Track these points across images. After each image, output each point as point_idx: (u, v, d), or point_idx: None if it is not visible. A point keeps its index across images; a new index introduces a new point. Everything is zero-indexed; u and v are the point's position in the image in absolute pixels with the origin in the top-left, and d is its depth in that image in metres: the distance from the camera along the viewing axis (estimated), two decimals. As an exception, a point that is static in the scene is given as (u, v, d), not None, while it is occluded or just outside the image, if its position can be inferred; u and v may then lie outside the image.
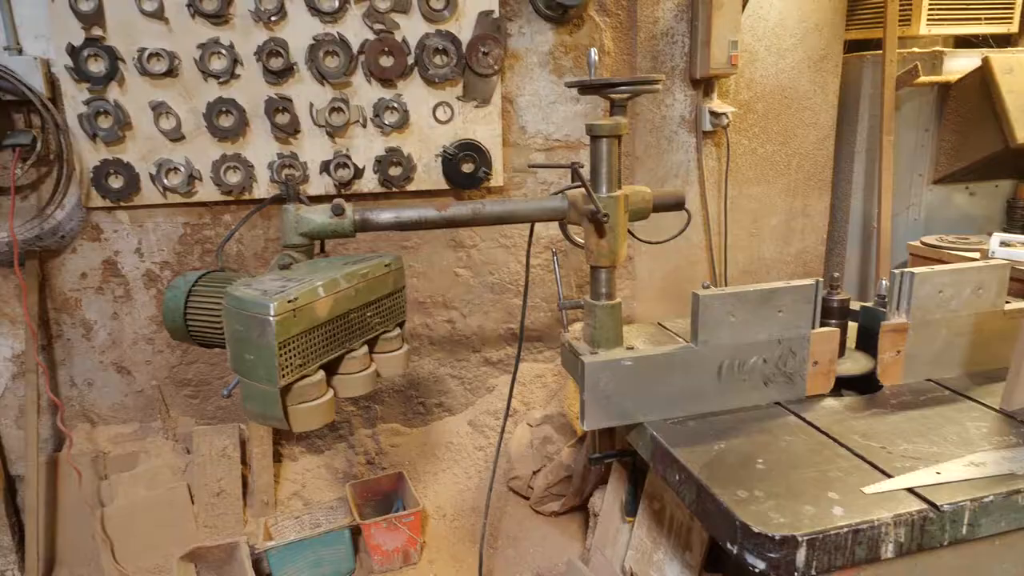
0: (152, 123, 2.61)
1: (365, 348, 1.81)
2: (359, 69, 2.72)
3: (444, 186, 2.91)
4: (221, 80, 2.62)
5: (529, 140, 3.03)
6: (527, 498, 2.90)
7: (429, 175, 2.89)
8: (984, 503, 1.29)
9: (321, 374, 1.63)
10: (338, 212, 1.85)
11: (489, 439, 3.16)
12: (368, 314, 1.82)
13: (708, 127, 3.07)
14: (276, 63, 2.62)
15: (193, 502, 2.82)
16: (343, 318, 1.70)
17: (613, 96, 1.91)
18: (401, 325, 2.00)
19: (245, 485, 2.95)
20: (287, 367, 1.51)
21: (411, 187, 2.88)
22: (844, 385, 1.82)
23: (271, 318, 1.46)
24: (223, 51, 2.58)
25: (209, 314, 1.74)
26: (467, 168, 2.89)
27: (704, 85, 3.07)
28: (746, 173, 3.27)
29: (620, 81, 1.85)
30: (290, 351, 1.51)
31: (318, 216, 1.85)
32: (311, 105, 2.72)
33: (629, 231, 2.10)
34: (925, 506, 1.27)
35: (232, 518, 2.86)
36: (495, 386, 3.27)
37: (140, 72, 2.55)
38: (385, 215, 1.87)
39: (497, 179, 2.95)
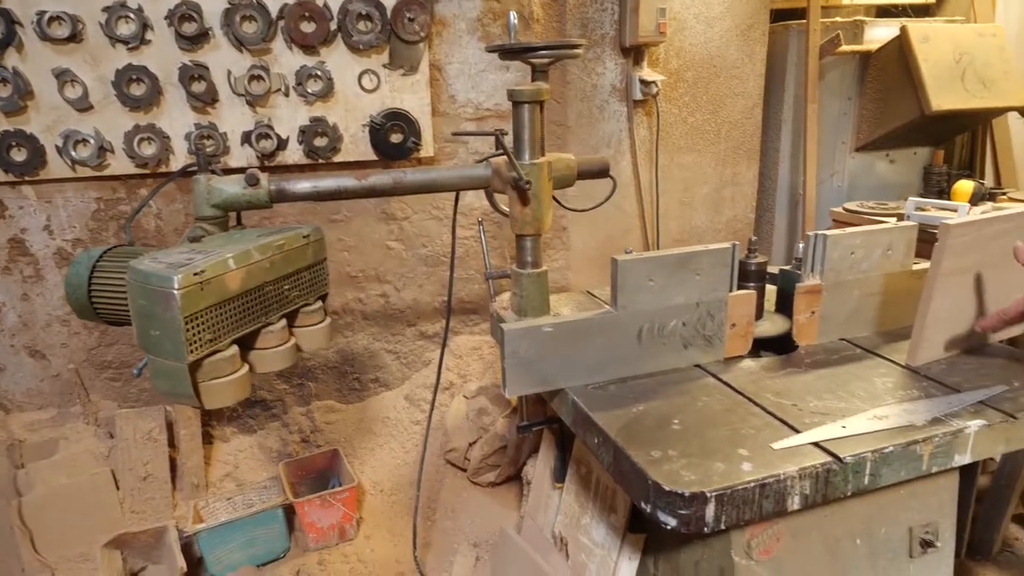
0: (56, 92, 2.47)
1: (284, 322, 1.76)
2: (279, 35, 2.62)
3: (372, 157, 2.84)
4: (130, 46, 2.48)
5: (459, 109, 2.98)
6: (464, 470, 2.91)
7: (357, 146, 2.82)
8: (884, 453, 1.33)
9: (234, 349, 1.57)
10: (252, 182, 1.78)
11: (426, 413, 3.14)
12: (286, 287, 1.76)
13: (639, 96, 3.07)
14: (189, 28, 2.50)
15: (118, 488, 2.73)
16: (258, 291, 1.65)
17: (534, 61, 1.88)
18: (323, 298, 1.95)
19: (174, 468, 2.87)
20: (196, 342, 1.46)
21: (338, 158, 2.81)
22: (763, 346, 1.86)
23: (175, 291, 1.40)
24: (131, 15, 2.44)
25: (115, 290, 1.67)
26: (396, 138, 2.83)
27: (634, 53, 3.06)
28: (677, 142, 3.30)
29: (540, 45, 1.82)
30: (198, 326, 1.46)
31: (231, 187, 1.78)
32: (229, 73, 2.61)
33: (555, 199, 2.09)
34: (829, 459, 1.31)
35: (161, 502, 2.78)
36: (432, 360, 3.24)
37: (40, 37, 2.40)
38: (302, 185, 1.81)
39: (427, 149, 2.90)
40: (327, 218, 2.93)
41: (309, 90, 2.68)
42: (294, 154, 2.76)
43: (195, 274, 1.44)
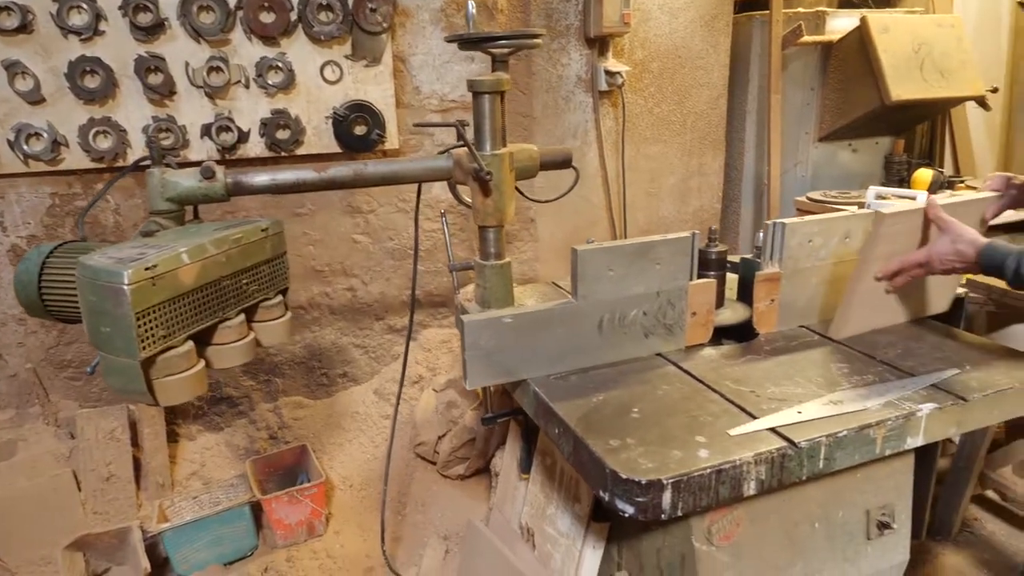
0: (6, 84, 2.40)
1: (242, 317, 1.73)
2: (238, 25, 2.58)
3: (336, 149, 2.81)
4: (83, 37, 2.42)
5: (424, 101, 2.95)
6: (434, 463, 2.90)
7: (320, 138, 2.79)
8: (839, 438, 1.35)
9: (189, 345, 1.54)
10: (208, 175, 1.75)
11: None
12: (244, 281, 1.73)
13: (604, 87, 3.08)
14: (144, 18, 2.44)
15: (80, 489, 2.68)
16: (214, 286, 1.62)
17: (494, 51, 1.87)
18: (284, 292, 1.92)
19: (139, 468, 2.82)
20: (148, 338, 1.43)
21: (301, 151, 2.77)
22: (724, 334, 1.87)
23: (125, 287, 1.37)
24: (83, 5, 2.38)
25: (66, 287, 1.63)
26: (360, 130, 2.80)
27: (599, 44, 3.06)
28: (643, 133, 3.31)
29: (499, 35, 1.81)
30: (151, 321, 1.43)
31: (186, 180, 1.74)
32: (187, 64, 2.56)
33: (518, 190, 2.09)
34: (784, 444, 1.32)
35: (125, 503, 2.73)
36: (400, 353, 3.22)
37: (-12, 28, 2.33)
38: (260, 178, 1.79)
39: (392, 141, 2.88)
40: (291, 212, 2.89)
41: (270, 82, 2.64)
42: (256, 147, 2.72)
43: (146, 269, 1.41)
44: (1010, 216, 2.76)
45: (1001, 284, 1.78)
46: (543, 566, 1.89)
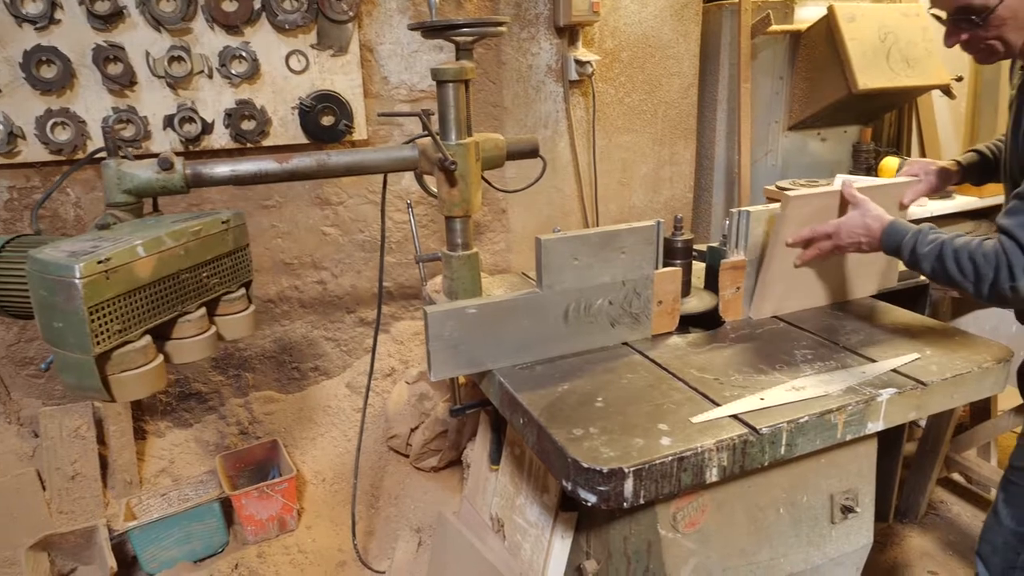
0: (-41, 74, 2.33)
1: (203, 310, 1.70)
2: (200, 14, 2.53)
3: (303, 140, 2.77)
4: (38, 26, 2.36)
5: (393, 91, 2.92)
6: (407, 456, 2.89)
7: (286, 129, 2.75)
8: (800, 423, 1.36)
9: (147, 339, 1.51)
10: (166, 167, 1.71)
11: (368, 400, 3.10)
12: (204, 274, 1.70)
13: (574, 76, 3.06)
14: (102, 7, 2.39)
15: (45, 488, 2.63)
16: (172, 279, 1.58)
17: (457, 39, 1.85)
18: (247, 285, 1.89)
19: (105, 466, 2.77)
20: (102, 334, 1.39)
21: (267, 142, 2.73)
22: (692, 322, 1.88)
23: (77, 281, 1.33)
24: (38, -7, 2.32)
25: (18, 281, 1.58)
26: (327, 121, 2.76)
27: (569, 33, 3.05)
28: (615, 122, 3.30)
29: (462, 22, 1.79)
30: (105, 316, 1.40)
31: (143, 172, 1.70)
32: (147, 54, 2.50)
33: (486, 180, 2.07)
34: (746, 430, 1.33)
35: (91, 501, 2.69)
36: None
37: (-63, 16, 2.26)
38: (220, 169, 1.75)
39: (361, 132, 2.84)
40: (258, 204, 2.85)
41: (234, 72, 2.60)
42: (221, 138, 2.67)
43: (99, 262, 1.38)
44: (949, 206, 2.81)
45: None
46: (513, 556, 1.89)
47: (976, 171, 1.79)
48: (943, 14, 1.46)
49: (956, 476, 2.93)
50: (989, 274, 1.37)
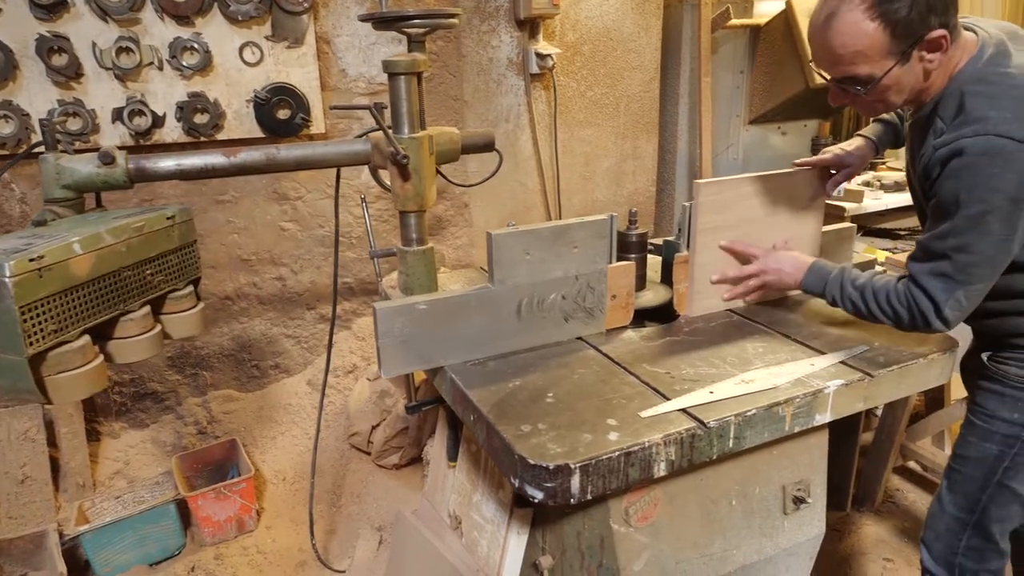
0: None
1: (147, 309, 1.66)
2: (148, 4, 2.46)
3: (259, 134, 2.72)
4: (-23, 15, 2.28)
5: (351, 83, 2.88)
6: (369, 453, 2.86)
7: (241, 123, 2.69)
8: (747, 416, 1.37)
9: (86, 339, 1.47)
10: (107, 161, 1.66)
11: (329, 397, 3.07)
12: (148, 272, 1.66)
13: (535, 69, 3.05)
14: (45, -4, 2.31)
15: (-8, 493, 2.55)
16: (112, 277, 1.54)
17: (409, 31, 1.83)
18: (195, 283, 1.85)
19: (57, 469, 2.70)
20: (36, 334, 1.35)
21: (222, 136, 2.68)
22: (647, 316, 1.88)
23: (6, 279, 1.28)
24: (-25, -20, 2.24)
25: (-50, 281, 1.52)
26: (283, 114, 2.71)
27: (530, 26, 3.03)
28: (577, 116, 3.30)
29: (413, 13, 1.77)
30: (38, 316, 1.35)
31: (84, 166, 1.65)
32: (94, 45, 2.43)
33: (442, 174, 2.05)
34: (695, 424, 1.33)
35: (42, 505, 2.60)
36: (335, 342, 3.16)
37: None
38: (165, 163, 1.71)
39: (318, 125, 2.80)
40: (213, 199, 2.80)
41: (185, 63, 2.53)
42: (173, 132, 2.61)
43: (31, 260, 1.33)
44: (903, 200, 2.86)
45: None
46: (470, 554, 1.87)
47: (887, 140, 1.85)
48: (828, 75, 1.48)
49: (913, 464, 2.99)
50: (906, 316, 1.47)
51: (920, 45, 1.34)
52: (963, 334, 1.64)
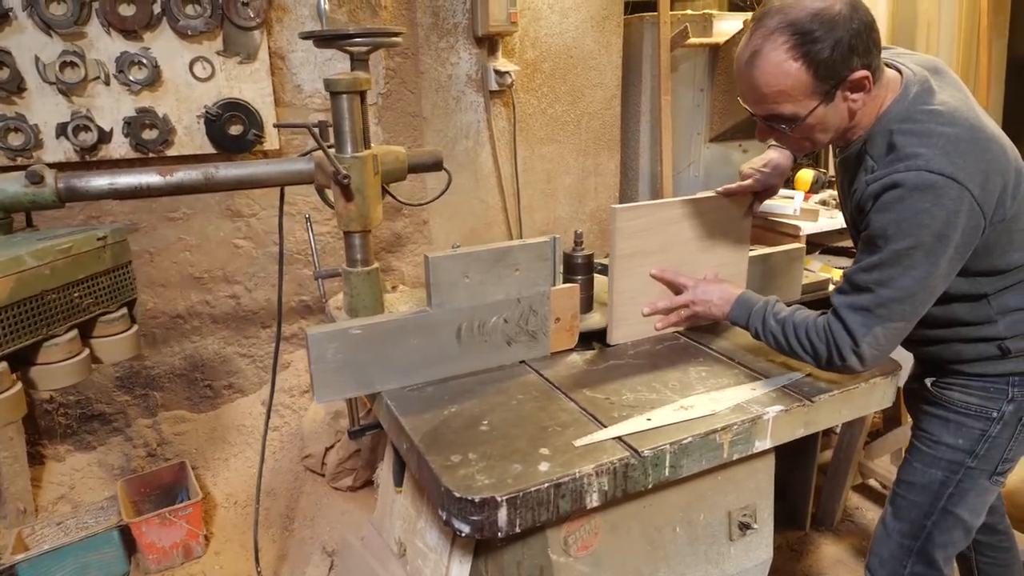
0: None
1: (75, 333, 1.60)
2: (94, 18, 2.41)
3: (210, 150, 2.67)
4: (-87, 27, 2.21)
5: (307, 99, 2.84)
6: (323, 475, 2.80)
7: (192, 139, 2.64)
8: (683, 444, 1.34)
9: (3, 366, 1.41)
10: (35, 180, 1.61)
11: (284, 418, 3.01)
12: (76, 295, 1.60)
13: (495, 86, 3.03)
14: (-16, 9, 2.25)
15: (-74, 520, 2.46)
16: (35, 300, 1.49)
17: (351, 49, 1.80)
18: (130, 305, 1.80)
19: (-3, 494, 2.61)
20: (-55, 362, 1.30)
21: (172, 152, 2.62)
22: (596, 339, 1.85)
23: (-89, 306, 1.23)
24: (-89, -8, 2.18)
25: None
26: (235, 130, 2.66)
27: (488, 43, 3.02)
28: (537, 133, 3.29)
29: (355, 32, 1.75)
30: (-52, 343, 1.30)
31: (10, 185, 1.60)
32: (37, 59, 2.37)
33: (389, 193, 2.02)
34: (628, 453, 1.30)
35: (-21, 533, 2.52)
36: (290, 362, 3.10)
37: None
38: (97, 182, 1.66)
39: (272, 142, 2.76)
40: (163, 216, 2.74)
41: (132, 78, 2.48)
42: (120, 148, 2.55)
43: (-60, 285, 1.28)
44: (837, 223, 2.86)
45: None
46: (414, 582, 1.82)
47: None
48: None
49: (871, 482, 2.99)
50: (824, 351, 1.46)
51: (843, 85, 1.34)
52: (905, 358, 1.63)
